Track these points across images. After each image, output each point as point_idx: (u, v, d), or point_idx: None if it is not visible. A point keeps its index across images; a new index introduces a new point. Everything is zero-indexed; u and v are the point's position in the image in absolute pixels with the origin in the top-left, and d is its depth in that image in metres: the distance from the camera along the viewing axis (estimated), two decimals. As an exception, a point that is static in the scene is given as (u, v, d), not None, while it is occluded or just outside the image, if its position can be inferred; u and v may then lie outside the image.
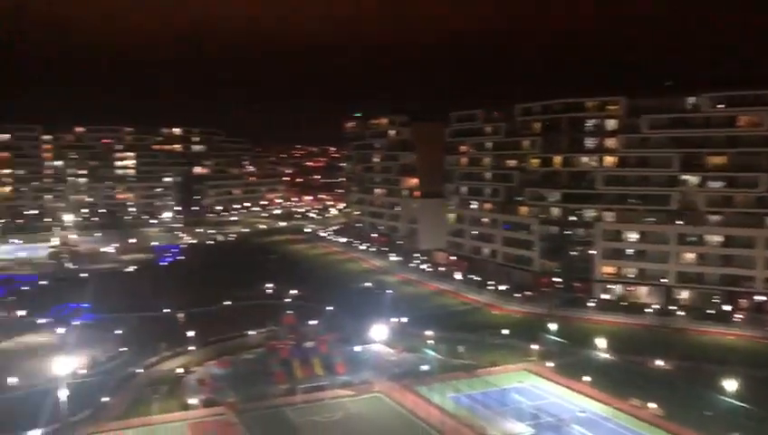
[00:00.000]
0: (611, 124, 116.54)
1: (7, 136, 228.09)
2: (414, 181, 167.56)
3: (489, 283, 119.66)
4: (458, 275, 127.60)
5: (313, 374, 73.94)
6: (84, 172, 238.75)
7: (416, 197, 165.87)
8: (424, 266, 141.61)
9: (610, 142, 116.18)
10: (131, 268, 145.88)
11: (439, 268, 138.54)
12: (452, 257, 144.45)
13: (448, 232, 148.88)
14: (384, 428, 61.59)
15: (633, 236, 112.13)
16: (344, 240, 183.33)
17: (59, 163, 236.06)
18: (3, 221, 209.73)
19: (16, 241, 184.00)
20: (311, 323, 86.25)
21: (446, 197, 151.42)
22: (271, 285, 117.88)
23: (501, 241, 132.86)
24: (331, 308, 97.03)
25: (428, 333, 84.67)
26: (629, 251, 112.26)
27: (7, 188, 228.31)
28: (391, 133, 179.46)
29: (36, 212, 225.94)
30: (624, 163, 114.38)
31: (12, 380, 72.04)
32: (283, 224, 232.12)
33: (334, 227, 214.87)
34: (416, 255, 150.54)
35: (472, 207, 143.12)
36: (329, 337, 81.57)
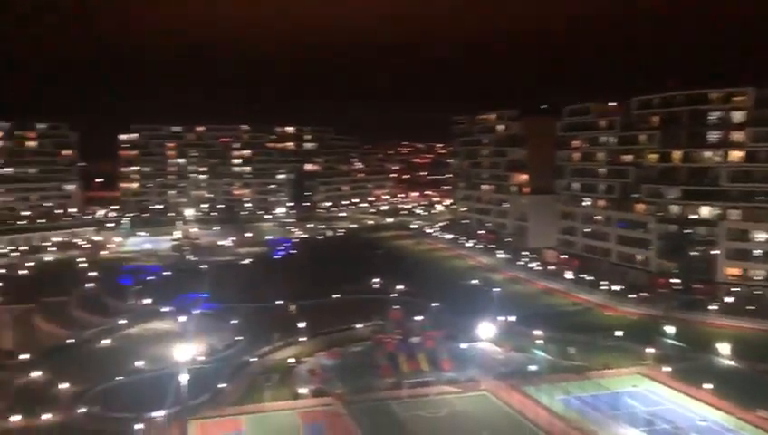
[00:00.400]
0: (738, 117, 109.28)
1: (136, 135, 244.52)
2: (523, 177, 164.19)
3: (602, 283, 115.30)
4: (569, 274, 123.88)
5: (419, 370, 74.15)
6: (204, 169, 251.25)
7: (525, 193, 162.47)
8: (533, 265, 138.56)
9: (737, 136, 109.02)
10: (247, 261, 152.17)
11: (549, 267, 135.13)
12: (562, 256, 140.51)
13: (559, 229, 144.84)
14: (490, 426, 60.80)
15: (762, 236, 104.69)
16: (450, 237, 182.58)
17: (181, 161, 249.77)
18: (131, 215, 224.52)
19: (143, 234, 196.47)
20: (417, 318, 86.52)
21: (557, 193, 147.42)
22: (378, 280, 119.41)
23: (615, 239, 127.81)
24: (438, 304, 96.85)
25: (537, 332, 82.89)
26: (757, 252, 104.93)
27: (135, 185, 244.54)
28: (500, 128, 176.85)
29: (161, 207, 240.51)
30: (752, 158, 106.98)
31: (138, 363, 77.12)
32: (389, 220, 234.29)
33: (440, 224, 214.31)
34: (524, 252, 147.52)
35: (584, 203, 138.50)
36: (435, 333, 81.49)
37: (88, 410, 63.67)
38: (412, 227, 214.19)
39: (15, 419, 61.20)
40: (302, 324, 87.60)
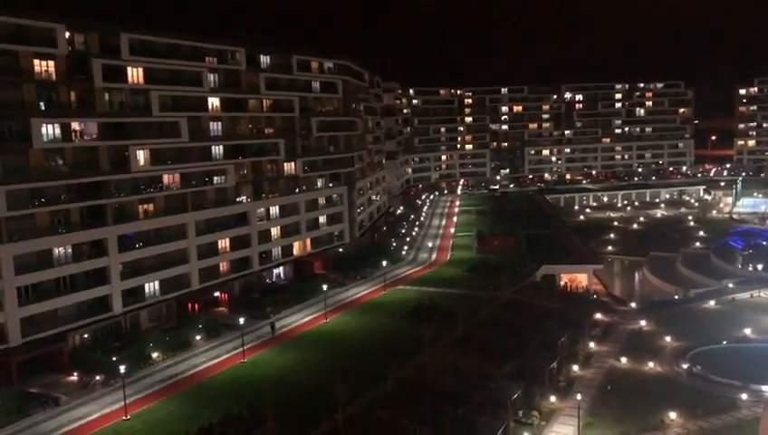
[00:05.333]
0: None
1: (755, 88, 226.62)
2: None
3: None
4: None
5: None
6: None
7: None
8: None
9: None
10: None
11: None
12: None
13: None
14: None
15: None
16: None
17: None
18: (744, 174, 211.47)
19: (758, 195, 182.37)
20: None
21: None
22: None
23: None
24: None
25: None
26: None
27: (752, 142, 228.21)
28: None
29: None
30: None
31: (746, 331, 72.93)
32: None
33: None
34: None
35: None
36: None
37: (690, 367, 63.80)
38: None
39: (623, 360, 66.06)
40: None
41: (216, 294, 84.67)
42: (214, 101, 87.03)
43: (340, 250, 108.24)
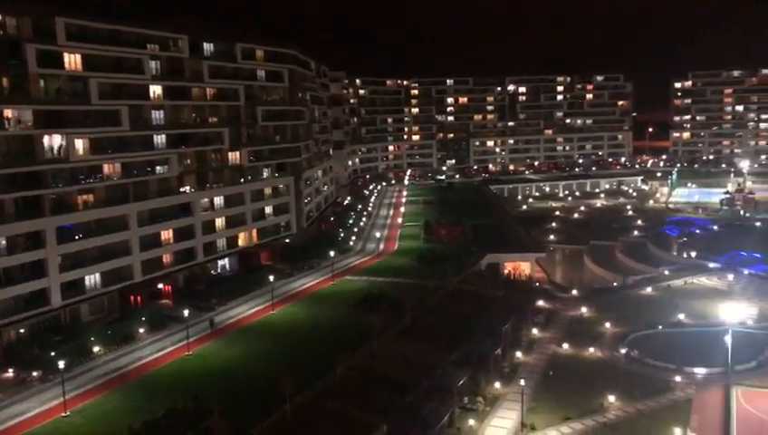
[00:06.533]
0: None
1: (690, 83, 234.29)
2: None
3: None
4: None
5: None
6: (766, 117, 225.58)
7: None
8: None
9: None
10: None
11: None
12: None
13: None
14: None
15: None
16: None
17: (739, 108, 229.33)
18: (680, 165, 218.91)
19: (692, 185, 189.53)
20: None
21: None
22: None
23: None
24: None
25: None
26: None
27: (686, 134, 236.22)
28: None
29: (712, 157, 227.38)
30: None
31: (680, 316, 75.83)
32: None
33: None
34: None
35: None
36: None
37: (628, 352, 66.06)
38: None
39: (565, 346, 67.90)
40: None
41: (160, 286, 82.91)
42: (156, 89, 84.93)
43: (288, 241, 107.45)
